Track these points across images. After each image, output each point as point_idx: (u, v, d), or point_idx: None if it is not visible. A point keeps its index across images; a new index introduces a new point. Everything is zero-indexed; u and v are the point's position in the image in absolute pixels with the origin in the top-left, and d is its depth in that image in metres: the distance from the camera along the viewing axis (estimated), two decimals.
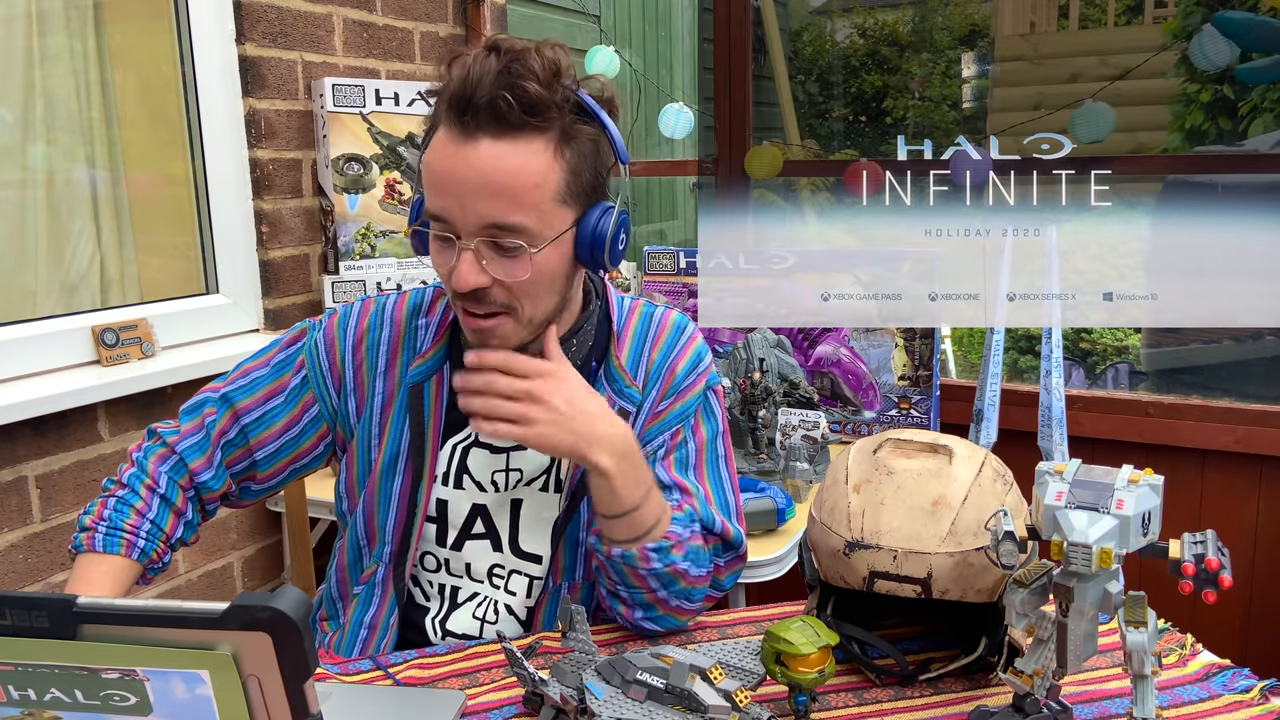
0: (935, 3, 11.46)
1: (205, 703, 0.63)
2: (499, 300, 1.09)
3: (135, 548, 1.16)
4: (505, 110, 1.02)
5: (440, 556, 1.25)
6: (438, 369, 1.22)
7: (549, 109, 1.04)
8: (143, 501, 1.19)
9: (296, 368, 1.25)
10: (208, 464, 1.22)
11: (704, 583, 1.20)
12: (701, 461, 1.25)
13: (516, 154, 1.04)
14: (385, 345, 1.24)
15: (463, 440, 1.23)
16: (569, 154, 1.07)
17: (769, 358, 2.10)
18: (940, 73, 10.46)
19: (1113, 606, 0.90)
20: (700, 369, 1.26)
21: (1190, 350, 3.80)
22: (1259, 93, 5.47)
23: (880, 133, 11.04)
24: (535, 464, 1.23)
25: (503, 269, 1.07)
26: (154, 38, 2.09)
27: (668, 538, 1.15)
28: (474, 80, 1.02)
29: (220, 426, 1.23)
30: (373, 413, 1.23)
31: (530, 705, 1.04)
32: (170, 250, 2.17)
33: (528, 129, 1.04)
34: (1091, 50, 7.19)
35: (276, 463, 1.26)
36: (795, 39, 10.93)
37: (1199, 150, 5.01)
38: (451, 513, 1.23)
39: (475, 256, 1.06)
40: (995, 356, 2.15)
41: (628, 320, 1.26)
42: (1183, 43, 4.79)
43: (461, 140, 1.04)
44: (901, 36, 11.45)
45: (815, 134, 10.31)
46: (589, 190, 1.10)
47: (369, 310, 1.26)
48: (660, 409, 1.23)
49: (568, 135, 1.06)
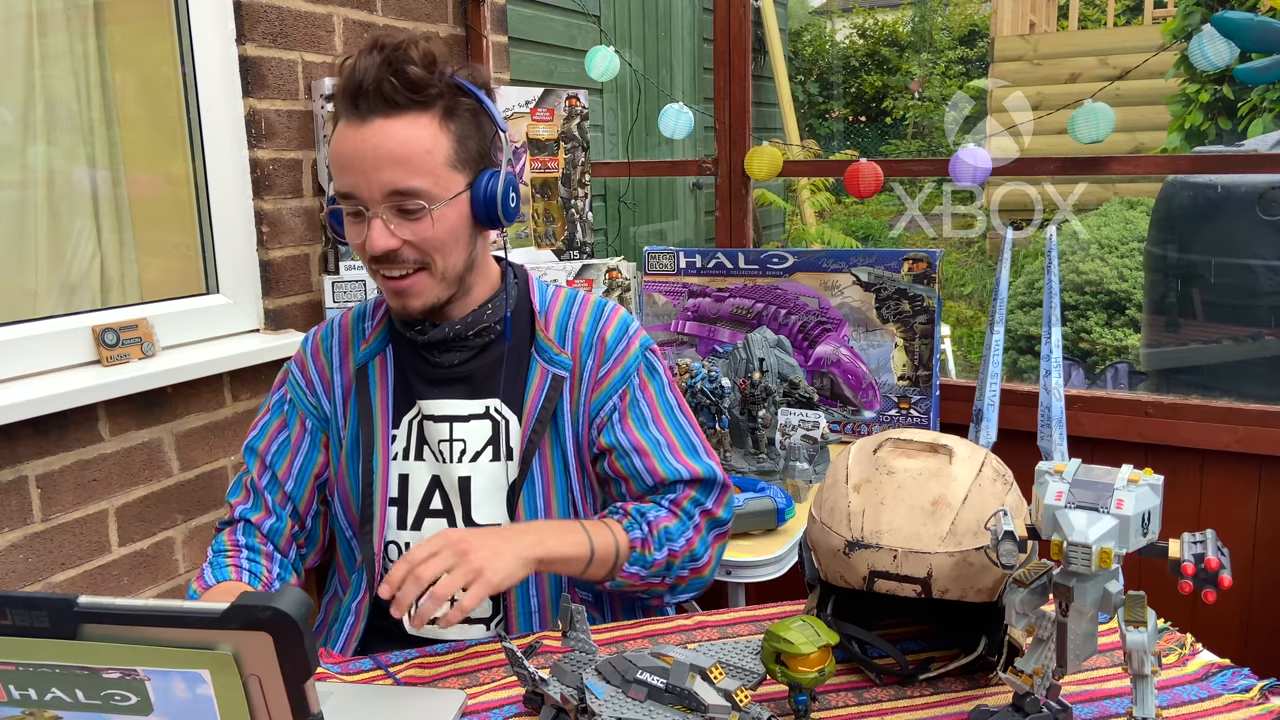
0: (935, 3, 11.46)
1: (206, 702, 0.63)
2: (411, 258, 1.21)
3: (242, 570, 1.28)
4: (391, 92, 1.16)
5: (401, 542, 1.32)
6: (380, 350, 1.35)
7: (430, 86, 1.18)
8: (232, 567, 1.28)
9: (287, 399, 1.39)
10: (266, 513, 1.34)
11: (695, 542, 1.29)
12: (658, 413, 1.34)
13: (406, 127, 1.18)
14: (338, 346, 1.38)
15: (414, 416, 1.33)
16: (454, 125, 1.21)
17: (769, 358, 2.10)
18: (940, 73, 10.46)
19: (1112, 606, 0.91)
20: (631, 332, 1.35)
21: (1190, 350, 3.80)
22: (1259, 93, 5.47)
23: (880, 133, 11.04)
24: (478, 435, 1.31)
25: (410, 229, 1.20)
26: (154, 38, 2.09)
27: (634, 545, 1.25)
28: (361, 72, 1.17)
29: (255, 472, 1.36)
30: (337, 405, 1.36)
31: (530, 705, 1.04)
32: (170, 250, 2.17)
33: (413, 106, 1.18)
34: (1091, 50, 7.20)
35: (304, 486, 1.36)
36: (795, 39, 10.94)
37: (1199, 150, 5.01)
38: (412, 487, 1.32)
39: (383, 223, 1.19)
40: (995, 356, 2.15)
41: (552, 302, 1.36)
42: (1182, 43, 4.79)
43: (358, 124, 1.19)
44: (901, 36, 11.46)
45: (815, 134, 10.32)
46: (476, 157, 1.24)
47: (322, 327, 1.42)
48: (601, 375, 1.32)
49: (450, 110, 1.20)
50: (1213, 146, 5.59)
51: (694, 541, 1.30)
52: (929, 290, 2.20)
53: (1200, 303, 3.74)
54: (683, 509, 1.31)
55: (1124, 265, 4.80)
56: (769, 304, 2.32)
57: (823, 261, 2.28)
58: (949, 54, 10.73)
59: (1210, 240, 3.60)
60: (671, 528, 1.28)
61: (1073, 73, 7.18)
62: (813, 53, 11.49)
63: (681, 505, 1.31)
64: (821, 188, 6.30)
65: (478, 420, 1.31)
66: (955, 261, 8.00)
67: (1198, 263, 3.67)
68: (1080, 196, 7.09)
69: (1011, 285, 4.77)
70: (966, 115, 8.18)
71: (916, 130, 10.57)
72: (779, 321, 2.31)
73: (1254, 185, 3.43)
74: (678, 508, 1.31)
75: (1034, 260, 5.83)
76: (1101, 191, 6.78)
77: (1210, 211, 3.58)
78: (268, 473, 1.35)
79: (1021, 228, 7.27)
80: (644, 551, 1.25)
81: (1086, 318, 4.82)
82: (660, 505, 1.31)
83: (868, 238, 8.20)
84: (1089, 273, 4.85)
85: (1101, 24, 9.15)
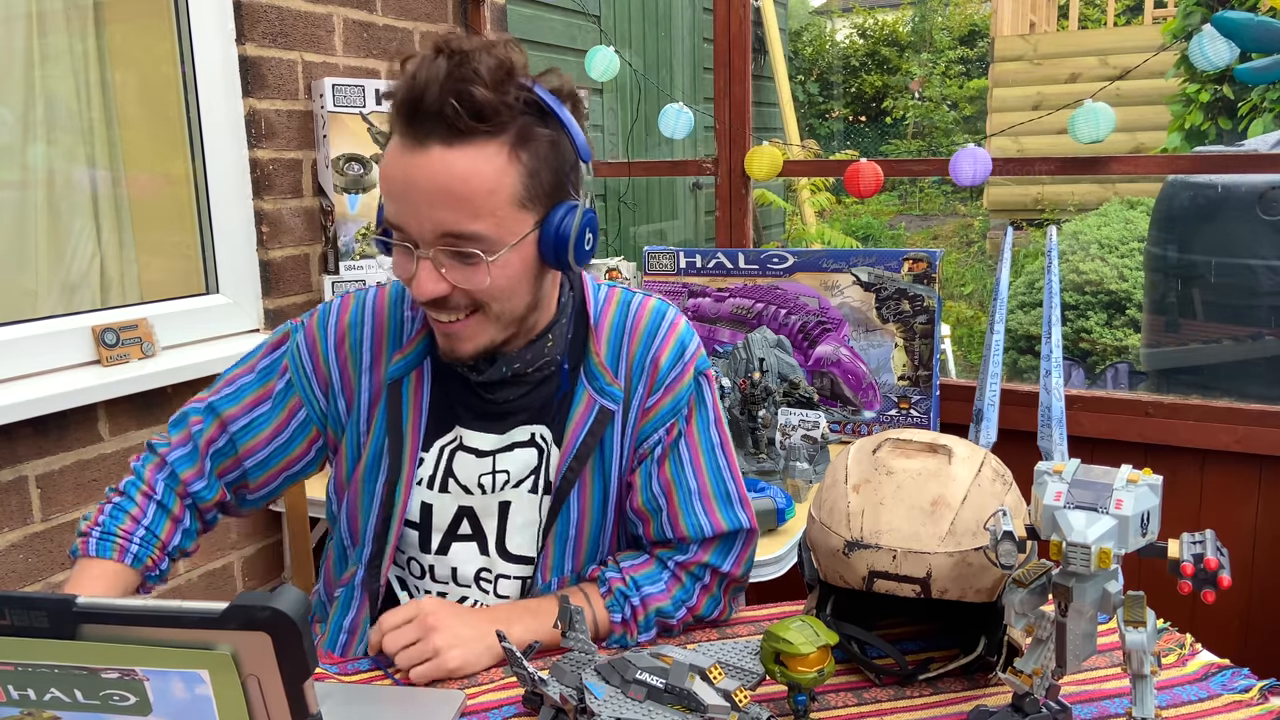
0: (935, 2, 11.47)
1: (205, 702, 0.63)
2: (463, 304, 1.07)
3: (128, 553, 1.15)
4: (453, 117, 0.99)
5: (424, 563, 1.23)
6: (418, 364, 1.19)
7: (499, 113, 1.00)
8: (138, 508, 1.17)
9: (281, 372, 1.22)
10: (199, 474, 1.20)
11: (702, 604, 1.22)
12: (698, 454, 1.22)
13: (468, 160, 1.00)
14: (369, 341, 1.21)
15: (449, 443, 1.20)
16: (525, 156, 1.03)
17: (769, 358, 2.11)
18: (940, 73, 10.47)
19: (1112, 606, 0.91)
20: (686, 357, 1.21)
21: (1190, 350, 3.80)
22: (1259, 93, 5.47)
23: (880, 133, 11.05)
24: (522, 464, 1.20)
25: (461, 276, 1.05)
26: (154, 38, 2.09)
27: (614, 629, 1.18)
28: (421, 85, 0.99)
29: (208, 436, 1.21)
30: (360, 411, 1.21)
31: (530, 705, 1.04)
32: (170, 250, 2.17)
33: (479, 135, 1.00)
34: (1091, 50, 7.20)
35: (267, 471, 1.23)
36: (795, 39, 10.94)
37: (1199, 150, 5.00)
38: (436, 516, 1.21)
39: (433, 265, 1.04)
40: (995, 356, 2.15)
41: (604, 311, 1.21)
42: (1182, 43, 4.79)
43: (412, 148, 1.01)
44: (901, 36, 11.47)
45: (815, 134, 10.32)
46: (549, 191, 1.06)
47: (349, 306, 1.23)
48: (650, 405, 1.19)
49: (523, 137, 1.03)
50: (1213, 146, 5.59)
51: (699, 604, 1.22)
52: (929, 290, 2.20)
53: (1200, 303, 3.74)
54: (690, 572, 1.21)
55: (1124, 265, 4.81)
56: (769, 304, 2.32)
57: (823, 261, 2.28)
58: (949, 54, 10.74)
59: (1210, 240, 3.60)
60: (665, 607, 1.19)
61: (1073, 73, 7.18)
62: (813, 52, 11.50)
63: (690, 569, 1.21)
64: (821, 188, 6.29)
65: (521, 448, 1.20)
66: (955, 261, 8.00)
67: (1198, 263, 3.67)
68: (1080, 196, 7.10)
69: (1011, 285, 4.77)
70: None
71: (916, 130, 10.57)
72: (779, 321, 2.31)
73: (1254, 185, 3.43)
74: (685, 570, 1.21)
75: (1034, 260, 5.83)
76: (1102, 191, 6.78)
77: (1210, 211, 3.58)
78: (225, 440, 1.21)
79: (1022, 227, 7.29)
80: (626, 634, 1.17)
81: (1087, 318, 4.83)
82: (665, 569, 1.21)
83: (868, 238, 8.21)
84: (1089, 273, 4.86)
85: (1102, 24, 9.15)
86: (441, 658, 1.09)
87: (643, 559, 1.23)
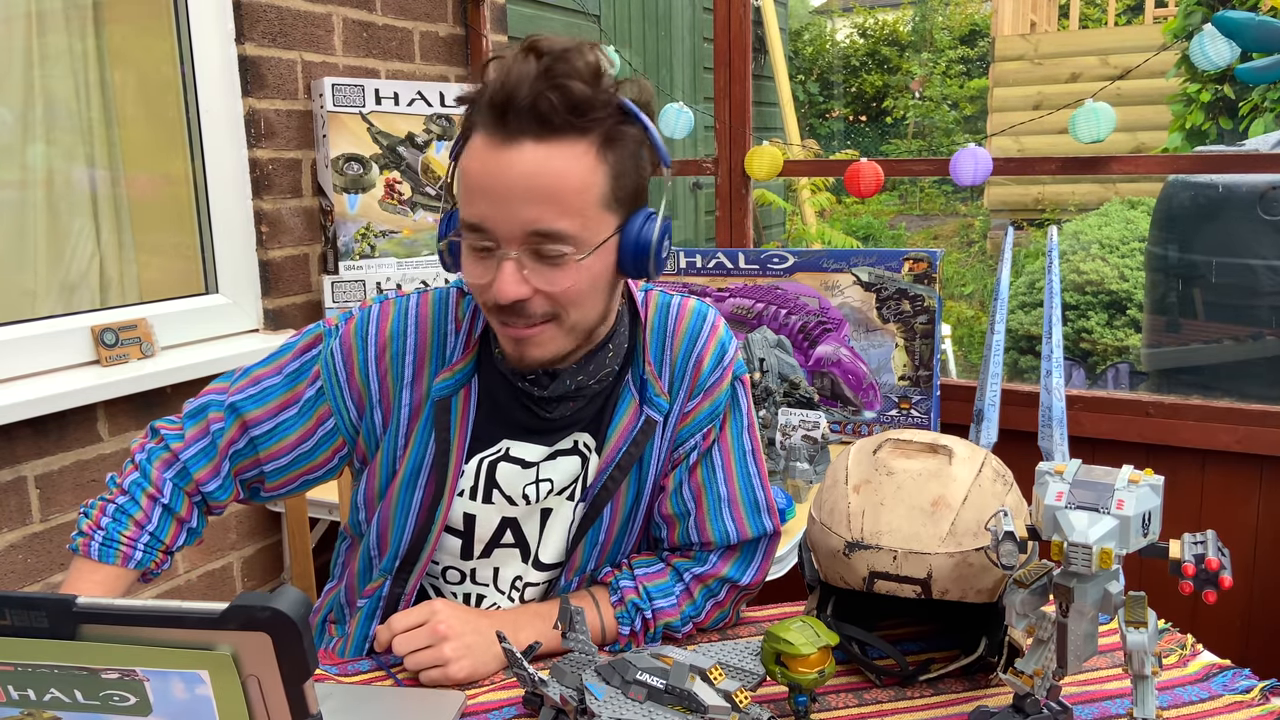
0: (936, 2, 11.47)
1: (205, 703, 0.63)
2: (540, 312, 1.04)
3: (131, 559, 1.13)
4: (549, 111, 0.97)
5: (465, 569, 1.22)
6: (466, 382, 1.16)
7: (593, 109, 1.00)
8: (142, 512, 1.14)
9: (311, 378, 1.17)
10: (214, 473, 1.17)
11: (713, 615, 1.22)
12: (730, 460, 1.21)
13: (561, 157, 0.99)
14: (411, 354, 1.16)
15: (491, 455, 1.18)
16: (612, 157, 1.02)
17: (769, 358, 2.10)
18: (941, 72, 10.46)
19: (1113, 607, 0.90)
20: (726, 362, 1.20)
21: (1190, 350, 3.80)
22: (1259, 93, 5.47)
23: (880, 132, 11.05)
24: (565, 473, 1.18)
25: (545, 278, 1.02)
26: (154, 38, 2.09)
27: (621, 640, 1.18)
28: (514, 81, 0.98)
29: (229, 437, 1.16)
30: (399, 425, 1.17)
31: (530, 705, 1.04)
32: (170, 250, 2.17)
33: (572, 131, 0.99)
34: (1091, 50, 7.20)
35: (286, 475, 1.20)
36: (795, 38, 10.94)
37: (1200, 150, 5.00)
38: (480, 526, 1.19)
39: (517, 266, 1.01)
40: (995, 356, 2.15)
41: (645, 315, 1.20)
42: (1183, 42, 4.79)
43: (502, 144, 0.99)
44: (902, 36, 11.47)
45: (815, 134, 10.33)
46: (632, 195, 1.06)
47: (389, 315, 1.18)
48: (689, 409, 1.19)
49: (611, 138, 1.02)
50: (1214, 146, 5.59)
51: (707, 620, 1.22)
52: (929, 290, 2.20)
53: (1201, 303, 3.74)
54: (707, 587, 1.21)
55: (1125, 265, 4.80)
56: (769, 304, 2.32)
57: (823, 261, 2.28)
58: (949, 53, 10.74)
59: (1211, 240, 3.60)
60: (674, 622, 1.19)
61: (1073, 72, 7.18)
62: (813, 52, 11.50)
63: (706, 583, 1.21)
64: (822, 188, 6.29)
65: (565, 456, 1.18)
66: (955, 261, 8.00)
67: (1198, 263, 3.67)
68: (1081, 196, 7.10)
69: (1012, 285, 4.77)
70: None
71: (917, 130, 10.57)
72: (779, 321, 2.31)
73: (1255, 185, 3.43)
74: (700, 584, 1.20)
75: (1035, 260, 5.83)
76: (1102, 191, 6.78)
77: (1211, 211, 3.58)
78: (245, 442, 1.17)
79: (1022, 227, 7.29)
80: (633, 644, 1.17)
81: (1087, 318, 4.82)
82: (680, 581, 1.20)
83: (868, 237, 8.21)
84: (1090, 273, 4.85)
85: (1102, 23, 9.16)
86: (450, 667, 1.09)
87: (658, 567, 1.22)
